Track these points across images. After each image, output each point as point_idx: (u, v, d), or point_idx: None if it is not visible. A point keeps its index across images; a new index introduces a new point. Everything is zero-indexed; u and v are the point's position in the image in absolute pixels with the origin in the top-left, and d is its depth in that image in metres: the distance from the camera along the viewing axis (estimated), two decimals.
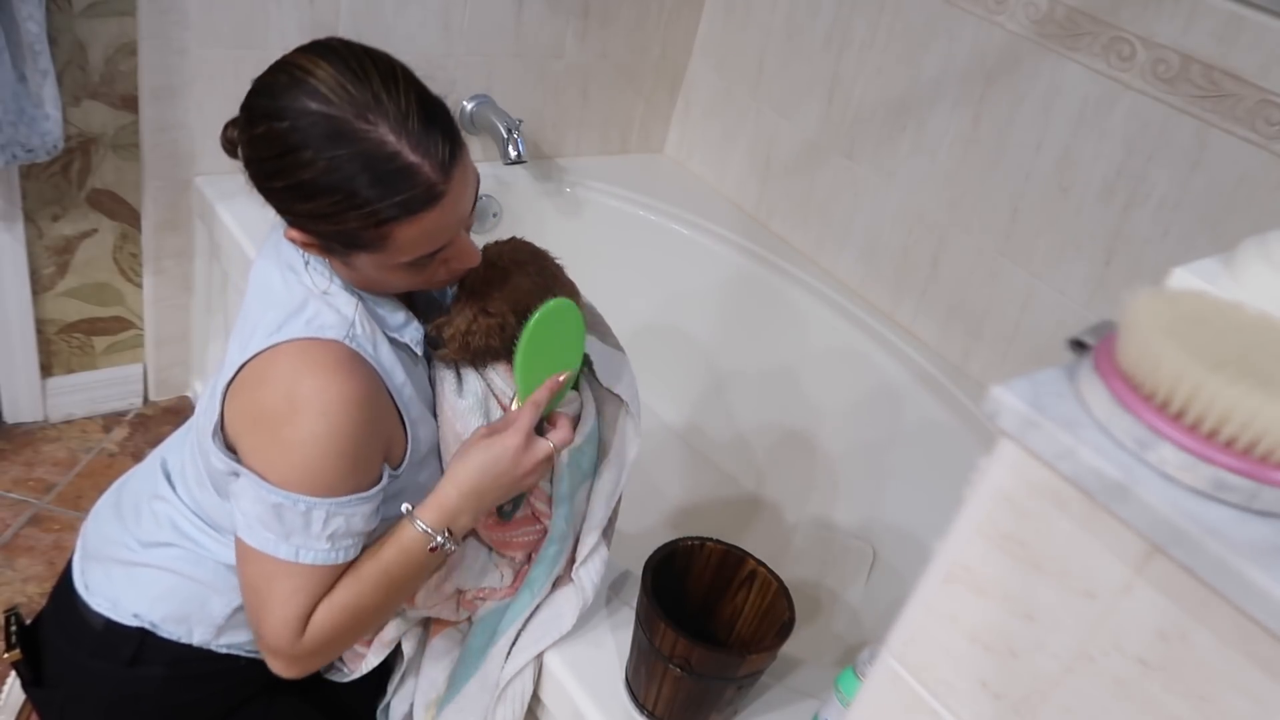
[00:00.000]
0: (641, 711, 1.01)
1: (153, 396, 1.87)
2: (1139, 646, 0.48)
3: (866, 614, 1.55)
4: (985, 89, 1.56)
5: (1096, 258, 1.47)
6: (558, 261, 1.02)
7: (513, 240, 0.99)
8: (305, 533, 0.84)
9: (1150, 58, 1.36)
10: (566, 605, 1.03)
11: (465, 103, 1.79)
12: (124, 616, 0.96)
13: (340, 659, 1.08)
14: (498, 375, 0.96)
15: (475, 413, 0.95)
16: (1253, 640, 0.43)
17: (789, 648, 0.99)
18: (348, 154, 0.78)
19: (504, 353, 0.95)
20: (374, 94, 0.80)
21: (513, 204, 1.88)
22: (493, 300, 0.93)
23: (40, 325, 1.68)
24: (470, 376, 0.96)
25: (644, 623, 0.97)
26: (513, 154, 1.71)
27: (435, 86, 1.82)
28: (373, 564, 0.89)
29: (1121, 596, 0.48)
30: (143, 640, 0.96)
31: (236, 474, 0.86)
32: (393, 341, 0.92)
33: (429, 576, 0.97)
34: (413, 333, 0.94)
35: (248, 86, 1.71)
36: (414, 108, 0.81)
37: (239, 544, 0.87)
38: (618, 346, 1.10)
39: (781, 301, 1.83)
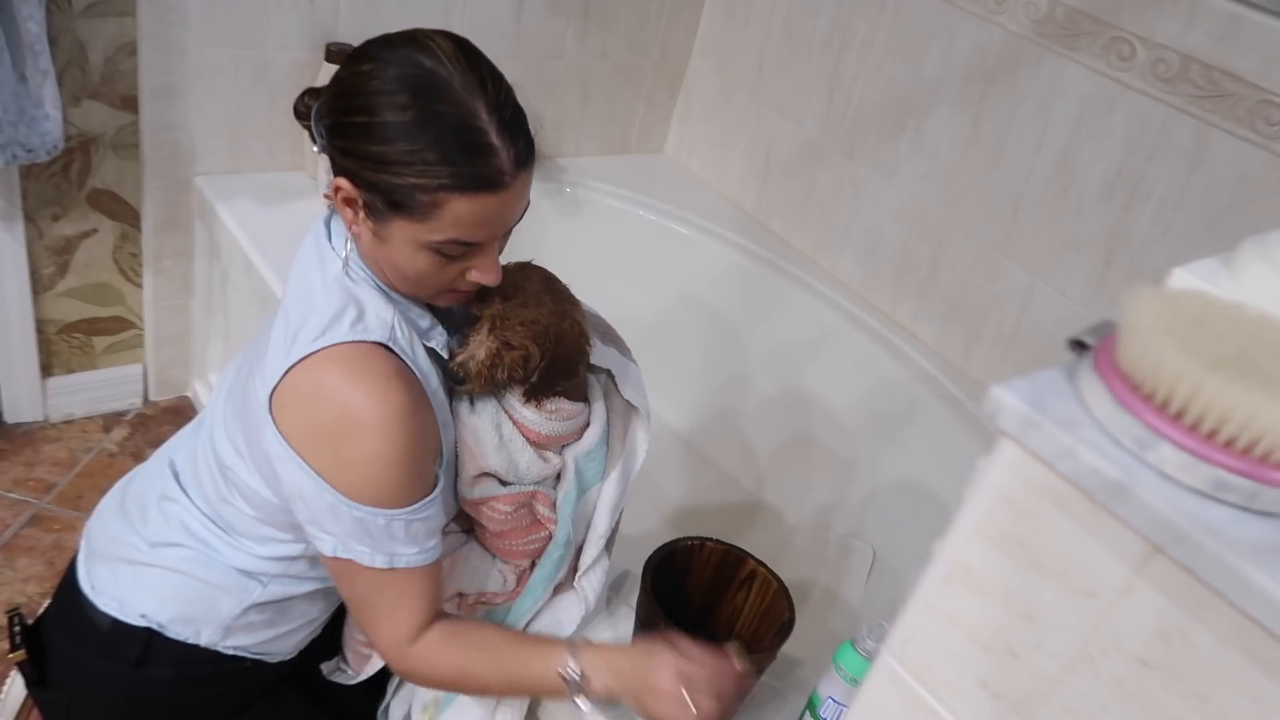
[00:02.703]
0: None
1: (153, 396, 1.87)
2: (1139, 646, 0.48)
3: (866, 614, 1.55)
4: (985, 89, 1.56)
5: (1096, 258, 1.47)
6: (562, 281, 1.02)
7: (524, 267, 0.99)
8: (393, 541, 0.86)
9: (1150, 58, 1.36)
10: (567, 613, 1.03)
11: None
12: (131, 616, 0.96)
13: (345, 660, 1.08)
14: (511, 395, 0.97)
15: (489, 429, 0.96)
16: (1253, 640, 0.43)
17: (789, 647, 0.99)
18: (442, 111, 0.80)
19: (525, 383, 0.96)
20: (480, 78, 0.83)
21: None
22: (514, 332, 0.92)
23: (40, 325, 1.68)
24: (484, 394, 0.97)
25: (644, 622, 0.97)
26: None
27: None
28: (510, 661, 0.93)
29: (1121, 596, 0.48)
30: (149, 641, 0.96)
31: (297, 489, 0.85)
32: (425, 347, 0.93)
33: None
34: (439, 337, 0.95)
35: (248, 86, 1.69)
36: (509, 103, 0.84)
37: (336, 564, 0.88)
38: (631, 358, 1.11)
39: (781, 301, 1.83)
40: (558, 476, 1.01)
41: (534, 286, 0.96)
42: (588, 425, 1.02)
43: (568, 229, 1.95)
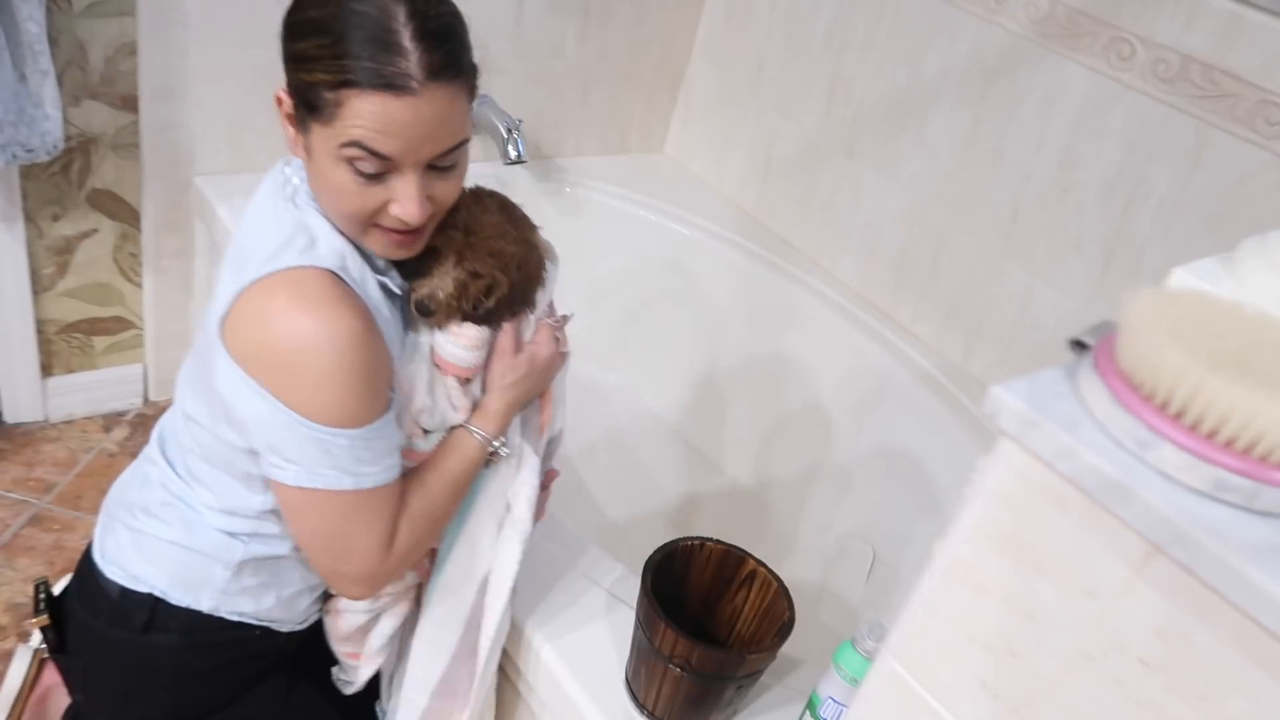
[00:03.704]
0: (641, 711, 1.01)
1: (153, 396, 1.87)
2: (1139, 646, 0.48)
3: (866, 614, 1.55)
4: (985, 89, 1.56)
5: (1096, 258, 1.47)
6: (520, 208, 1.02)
7: (479, 196, 0.97)
8: (358, 461, 0.86)
9: (1150, 58, 1.36)
10: (507, 546, 1.02)
11: None
12: (136, 584, 0.97)
13: (343, 672, 1.09)
14: (444, 335, 0.96)
15: (422, 365, 0.96)
16: (1253, 640, 0.43)
17: (789, 648, 0.99)
18: (359, 8, 0.80)
19: (495, 313, 0.96)
20: None
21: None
22: (482, 262, 0.93)
23: (40, 325, 1.68)
24: (423, 332, 0.97)
25: (644, 623, 0.97)
26: (513, 154, 1.71)
27: None
28: (438, 474, 0.96)
29: (1121, 596, 0.48)
30: (155, 607, 0.97)
31: (251, 415, 0.85)
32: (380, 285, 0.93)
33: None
34: (395, 277, 0.94)
35: (248, 86, 1.70)
36: (437, 17, 0.83)
37: (301, 495, 0.87)
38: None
39: (782, 301, 1.83)
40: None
41: (494, 217, 0.95)
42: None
43: (568, 229, 1.95)
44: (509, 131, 1.72)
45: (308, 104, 0.83)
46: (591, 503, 1.73)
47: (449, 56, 0.82)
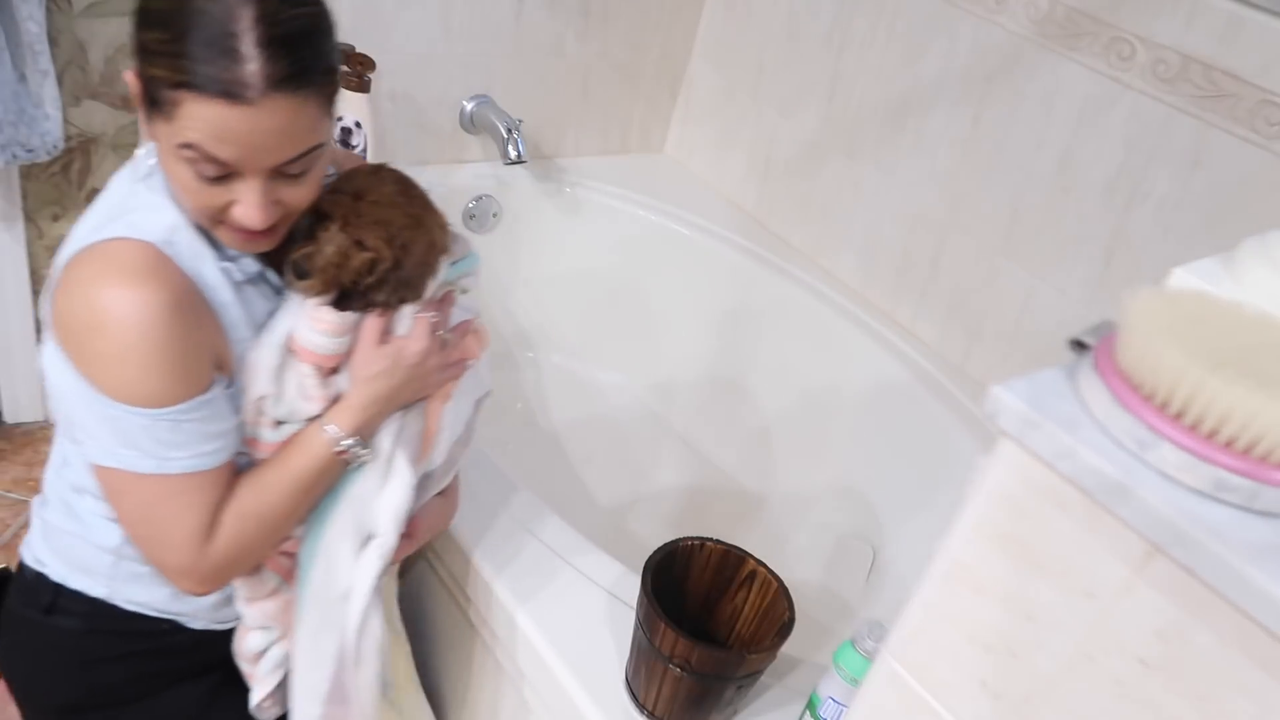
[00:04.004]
0: (641, 711, 1.01)
1: None
2: (1139, 646, 0.48)
3: (866, 614, 1.55)
4: (985, 89, 1.56)
5: (1096, 258, 1.47)
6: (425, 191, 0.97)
7: (378, 169, 0.93)
8: (159, 444, 0.82)
9: (1150, 58, 1.36)
10: (365, 566, 0.95)
11: (465, 102, 1.79)
12: (41, 566, 0.99)
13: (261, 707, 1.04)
14: (303, 317, 0.90)
15: (273, 349, 0.89)
16: (1253, 640, 0.43)
17: (789, 647, 0.99)
18: (203, 6, 0.76)
19: (373, 292, 0.90)
20: None
21: (513, 204, 1.88)
22: (367, 231, 0.87)
23: (40, 325, 1.68)
24: (283, 316, 0.91)
25: (644, 623, 0.97)
26: (513, 154, 1.71)
27: (434, 86, 1.81)
28: (279, 470, 0.90)
29: (1121, 596, 0.48)
30: (58, 590, 0.98)
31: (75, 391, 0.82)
32: (238, 275, 0.89)
33: (335, 483, 0.94)
34: (251, 263, 0.90)
35: None
36: (289, 22, 0.78)
37: (106, 475, 0.85)
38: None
39: (781, 301, 1.83)
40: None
41: (388, 189, 0.91)
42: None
43: (567, 229, 1.95)
44: (509, 131, 1.72)
45: (150, 97, 0.79)
46: (591, 502, 1.73)
47: (295, 65, 0.77)
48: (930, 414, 1.59)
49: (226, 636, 1.03)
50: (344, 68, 1.55)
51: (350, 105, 1.54)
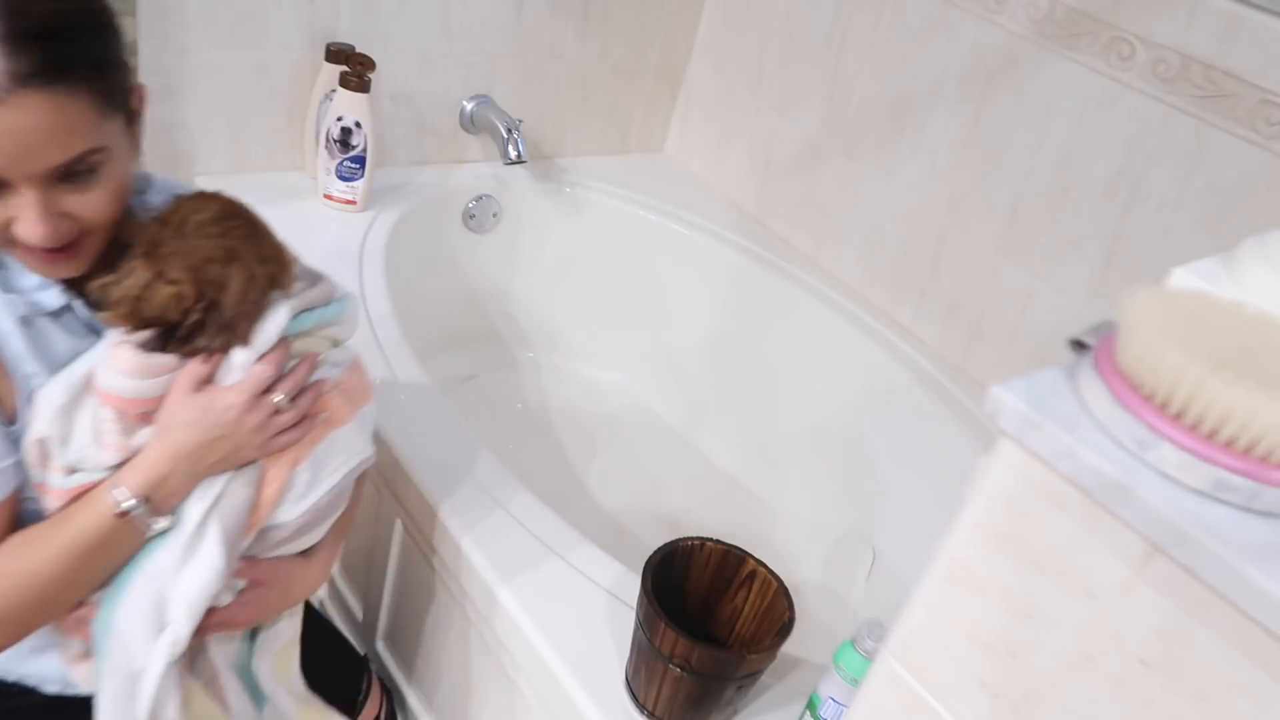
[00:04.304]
0: (641, 711, 1.01)
1: None
2: (1139, 646, 0.48)
3: (866, 614, 1.55)
4: (985, 88, 1.56)
5: (1096, 258, 1.47)
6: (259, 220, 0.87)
7: (204, 195, 0.85)
8: None
9: (1150, 58, 1.36)
10: (155, 657, 0.83)
11: (465, 102, 1.79)
12: None
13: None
14: (105, 353, 0.81)
15: (60, 388, 0.80)
16: (1253, 640, 0.43)
17: (789, 647, 0.99)
18: None
19: (194, 332, 0.81)
20: None
21: (513, 204, 1.88)
22: (171, 264, 0.79)
23: None
24: (98, 350, 0.83)
25: (644, 623, 0.97)
26: (513, 154, 1.71)
27: (435, 86, 1.81)
28: (54, 529, 0.79)
29: (1121, 596, 0.48)
30: None
31: None
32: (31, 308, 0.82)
33: (133, 551, 0.82)
34: (51, 297, 0.82)
35: (248, 86, 1.70)
36: (43, 20, 0.72)
37: None
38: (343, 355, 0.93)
39: (781, 301, 1.83)
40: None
41: (203, 216, 0.82)
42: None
43: (568, 229, 1.95)
44: (509, 131, 1.72)
45: None
46: (591, 502, 1.73)
47: (49, 59, 0.71)
48: (930, 413, 1.59)
49: (86, 703, 0.87)
50: (344, 67, 1.55)
51: (350, 105, 1.55)
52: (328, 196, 1.61)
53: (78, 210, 0.76)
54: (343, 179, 1.59)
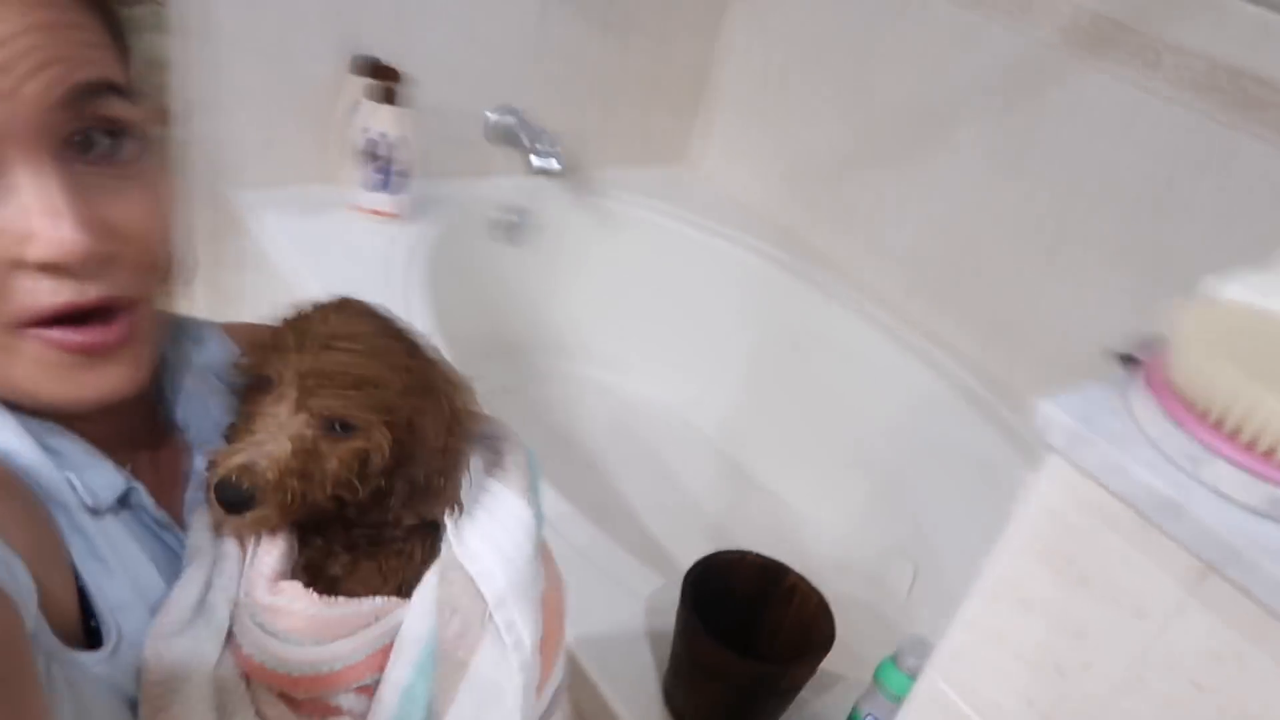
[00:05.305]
0: None
1: None
2: (1191, 668, 0.47)
3: (907, 630, 1.53)
4: (1017, 99, 1.54)
5: (1142, 270, 1.45)
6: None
7: (342, 302, 0.57)
8: None
9: (1179, 64, 1.34)
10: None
11: (490, 113, 1.80)
12: None
13: None
14: (253, 601, 0.52)
15: (188, 602, 0.52)
16: None
17: (829, 663, 0.98)
18: None
19: (366, 513, 0.54)
20: None
21: (544, 215, 1.88)
22: (343, 400, 0.51)
23: None
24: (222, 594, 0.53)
25: (683, 634, 0.97)
26: (537, 164, 1.71)
27: (460, 98, 1.81)
28: None
29: (1174, 616, 0.47)
30: None
31: None
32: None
33: None
34: (104, 481, 0.53)
35: (277, 99, 1.72)
36: None
37: None
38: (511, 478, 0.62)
39: (818, 314, 1.82)
40: None
41: (363, 326, 0.55)
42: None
43: (596, 241, 1.95)
44: (534, 142, 1.72)
45: None
46: (629, 513, 1.73)
47: None
48: (972, 428, 1.58)
49: None
50: (371, 80, 1.56)
51: (378, 117, 1.56)
52: (359, 209, 1.62)
53: (115, 214, 0.49)
54: (378, 191, 1.60)
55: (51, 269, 0.46)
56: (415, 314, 1.45)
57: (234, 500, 0.49)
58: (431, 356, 0.58)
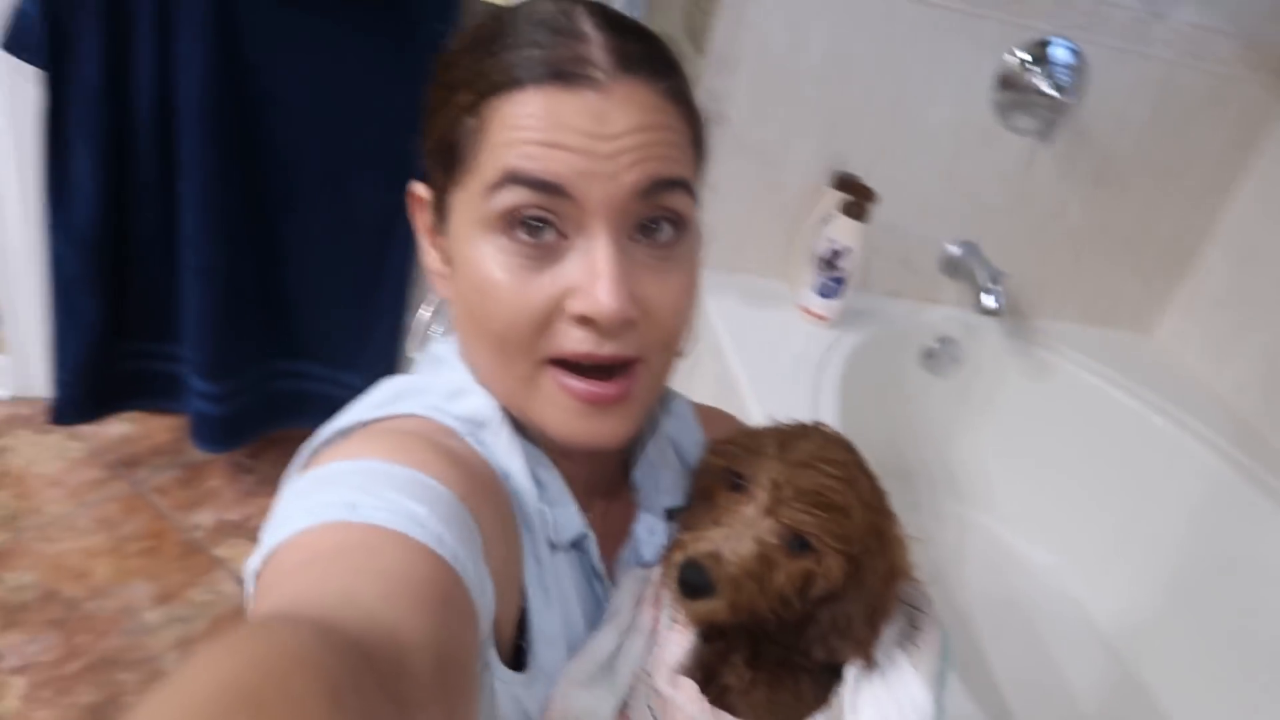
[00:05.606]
0: None
1: None
2: None
3: None
4: None
5: None
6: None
7: (821, 427, 0.59)
8: None
9: None
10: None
11: (949, 246, 1.80)
12: None
13: None
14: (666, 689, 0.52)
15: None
16: None
17: None
18: (510, 19, 0.56)
19: (786, 634, 0.54)
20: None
21: (976, 353, 1.84)
22: (812, 519, 0.52)
23: None
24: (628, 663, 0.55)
25: None
26: (988, 303, 1.68)
27: (925, 224, 1.84)
28: None
29: None
30: None
31: None
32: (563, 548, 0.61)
33: None
34: (568, 520, 0.61)
35: (760, 197, 1.82)
36: (641, 28, 0.57)
37: None
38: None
39: (1272, 530, 1.58)
40: None
41: (843, 455, 0.56)
42: None
43: (1028, 392, 1.86)
44: (990, 280, 1.69)
45: (443, 162, 0.57)
46: (991, 683, 1.60)
47: (655, 53, 0.56)
48: None
49: None
50: (847, 196, 1.63)
51: (845, 230, 1.62)
52: (804, 309, 1.69)
53: (650, 294, 0.56)
54: (821, 295, 1.66)
55: (585, 322, 0.55)
56: (821, 414, 1.48)
57: (694, 584, 0.51)
58: (889, 504, 0.60)
